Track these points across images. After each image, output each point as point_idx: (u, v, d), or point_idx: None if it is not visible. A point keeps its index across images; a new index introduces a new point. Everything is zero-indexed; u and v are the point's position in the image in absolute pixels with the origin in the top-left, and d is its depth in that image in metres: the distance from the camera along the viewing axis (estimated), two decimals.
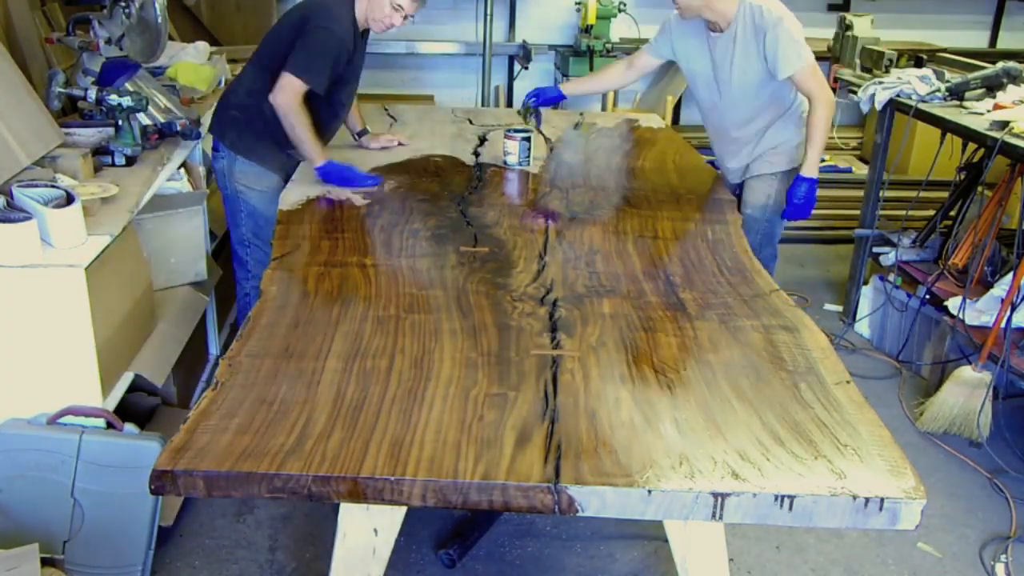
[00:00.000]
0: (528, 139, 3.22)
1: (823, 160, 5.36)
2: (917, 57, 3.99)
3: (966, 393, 3.10)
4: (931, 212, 3.94)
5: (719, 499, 1.45)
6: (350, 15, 2.90)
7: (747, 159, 3.13)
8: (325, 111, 3.00)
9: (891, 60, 3.79)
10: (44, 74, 2.90)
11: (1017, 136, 2.92)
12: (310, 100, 2.91)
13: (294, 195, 2.80)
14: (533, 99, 3.33)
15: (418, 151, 3.40)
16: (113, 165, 2.73)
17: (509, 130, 3.26)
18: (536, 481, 1.45)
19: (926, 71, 3.57)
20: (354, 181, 2.91)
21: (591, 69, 5.12)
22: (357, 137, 3.41)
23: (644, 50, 3.26)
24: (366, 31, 3.04)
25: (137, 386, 2.62)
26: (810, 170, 2.93)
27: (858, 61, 3.97)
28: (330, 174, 2.90)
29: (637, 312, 2.08)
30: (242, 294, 3.20)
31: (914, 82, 3.49)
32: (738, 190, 3.21)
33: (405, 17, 2.93)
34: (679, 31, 3.09)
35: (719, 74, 2.99)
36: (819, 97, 2.90)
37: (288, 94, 2.80)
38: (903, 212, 3.85)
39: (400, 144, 3.45)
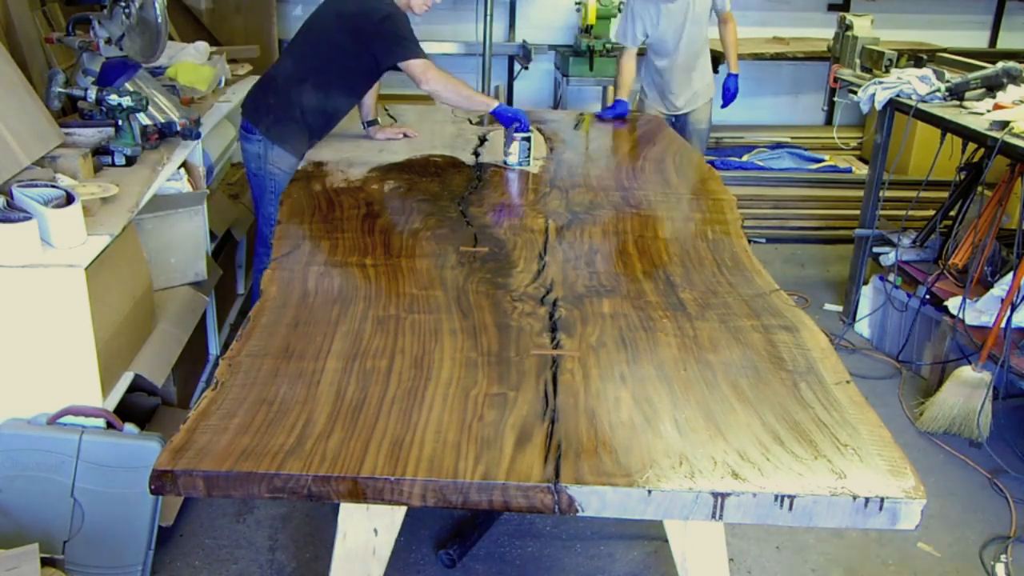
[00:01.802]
0: (528, 139, 3.22)
1: (823, 160, 5.40)
2: (917, 57, 3.99)
3: (966, 393, 3.10)
4: (931, 212, 3.95)
5: (719, 499, 1.45)
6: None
7: (691, 94, 4.26)
8: (346, 103, 3.25)
9: (891, 60, 3.78)
10: (44, 74, 2.90)
11: (1017, 136, 2.92)
12: (337, 91, 3.18)
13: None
14: (611, 115, 4.04)
15: (418, 151, 3.40)
16: (113, 165, 2.73)
17: (509, 130, 3.26)
18: (536, 481, 1.45)
19: (926, 71, 3.57)
20: (520, 115, 3.22)
21: (591, 69, 5.14)
22: (366, 125, 3.56)
23: (626, 47, 4.13)
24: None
25: (137, 386, 2.62)
26: (736, 68, 4.31)
27: (858, 61, 3.96)
28: (504, 112, 3.21)
29: (637, 312, 2.08)
30: (259, 266, 3.36)
31: (914, 82, 3.49)
32: (674, 119, 4.31)
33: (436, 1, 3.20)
34: (641, 10, 4.02)
35: (683, 27, 4.04)
36: (732, 15, 4.24)
37: (432, 74, 3.07)
38: (903, 212, 3.85)
39: (406, 136, 3.56)
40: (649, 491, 1.45)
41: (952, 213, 3.71)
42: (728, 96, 4.31)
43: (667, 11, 4.02)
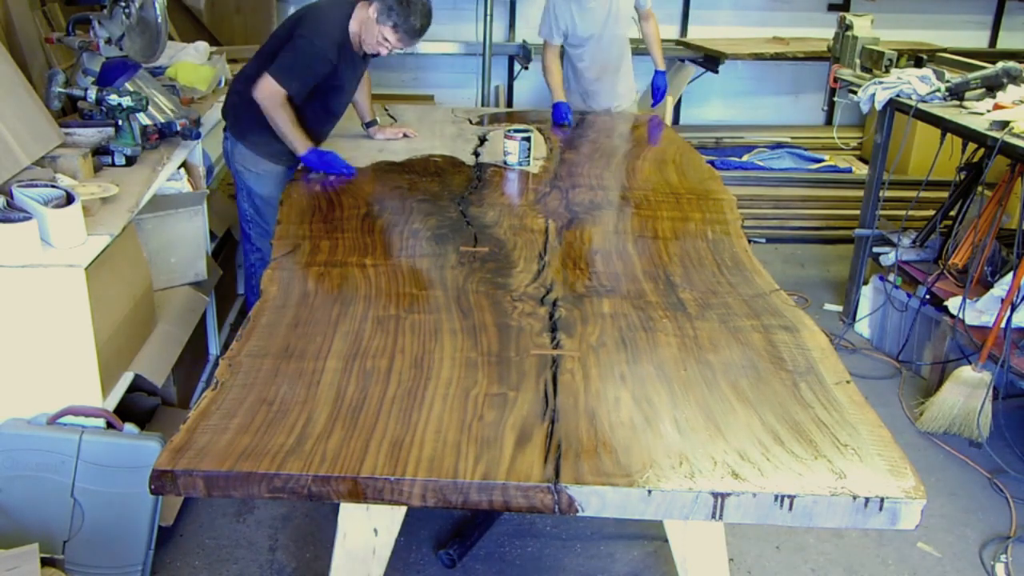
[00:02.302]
0: (528, 139, 3.22)
1: (823, 160, 5.40)
2: (917, 57, 3.99)
3: (966, 393, 3.10)
4: (931, 212, 3.95)
5: (719, 499, 1.45)
6: (341, 28, 2.98)
7: (613, 96, 4.19)
8: (319, 116, 3.15)
9: (891, 60, 3.78)
10: (44, 74, 2.90)
11: (1017, 136, 2.92)
12: (304, 105, 3.06)
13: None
14: (560, 121, 3.91)
15: (418, 151, 3.40)
16: (113, 165, 2.73)
17: (509, 130, 3.26)
18: (536, 481, 1.45)
19: (926, 71, 3.57)
20: (333, 166, 3.04)
21: None
22: (366, 127, 3.57)
23: (549, 44, 4.07)
24: None
25: (137, 386, 2.62)
26: (662, 65, 4.24)
27: (858, 61, 3.96)
28: (312, 161, 3.04)
29: (637, 312, 2.08)
30: (247, 264, 3.38)
31: (914, 82, 3.49)
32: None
33: (390, 51, 3.03)
34: (561, 8, 3.96)
35: (603, 26, 3.99)
36: (653, 13, 4.17)
37: (264, 92, 2.95)
38: (903, 212, 3.85)
39: (406, 136, 3.58)
40: (649, 491, 1.45)
41: (952, 213, 3.71)
42: (658, 95, 4.25)
43: (587, 10, 3.94)
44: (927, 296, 3.51)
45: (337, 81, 3.08)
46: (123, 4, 2.84)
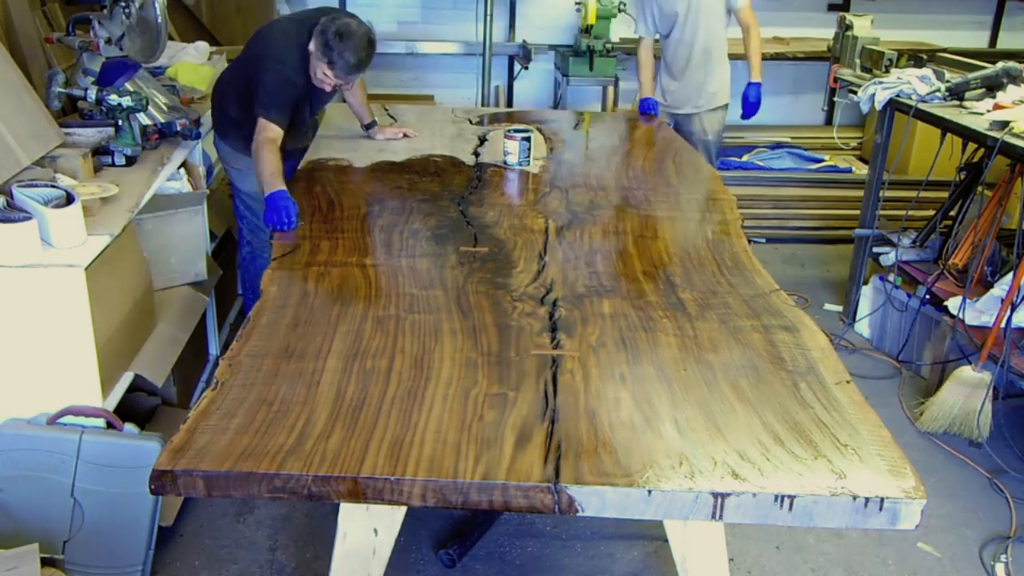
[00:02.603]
0: (528, 139, 3.22)
1: (823, 160, 5.40)
2: (917, 57, 3.99)
3: (966, 393, 3.10)
4: (931, 212, 3.95)
5: (719, 499, 1.45)
6: (300, 51, 2.93)
7: (693, 93, 4.07)
8: (294, 134, 3.13)
9: (891, 60, 3.78)
10: (44, 74, 2.90)
11: (1017, 136, 2.92)
12: (244, 112, 3.06)
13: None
14: (645, 111, 4.02)
15: (418, 151, 3.40)
16: (113, 165, 2.73)
17: (509, 130, 3.26)
18: (536, 481, 1.45)
19: (926, 71, 3.57)
20: (280, 219, 2.58)
21: (591, 69, 5.13)
22: (365, 129, 3.57)
23: (642, 37, 4.09)
24: None
25: (137, 386, 2.62)
26: (757, 76, 4.03)
27: (858, 61, 3.96)
28: (271, 204, 2.62)
29: (637, 312, 2.08)
30: (240, 258, 3.46)
31: (914, 82, 3.49)
32: (674, 122, 4.16)
33: (333, 86, 2.99)
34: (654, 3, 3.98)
35: (687, 14, 3.93)
36: (754, 24, 3.98)
37: (259, 135, 2.85)
38: (903, 212, 3.85)
39: (406, 136, 3.58)
40: (649, 491, 1.45)
41: (952, 213, 3.71)
42: (747, 106, 4.08)
43: (674, 3, 3.92)
44: (927, 296, 3.51)
45: (308, 103, 3.16)
46: (123, 4, 2.84)
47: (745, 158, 5.42)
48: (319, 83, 2.98)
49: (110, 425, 2.24)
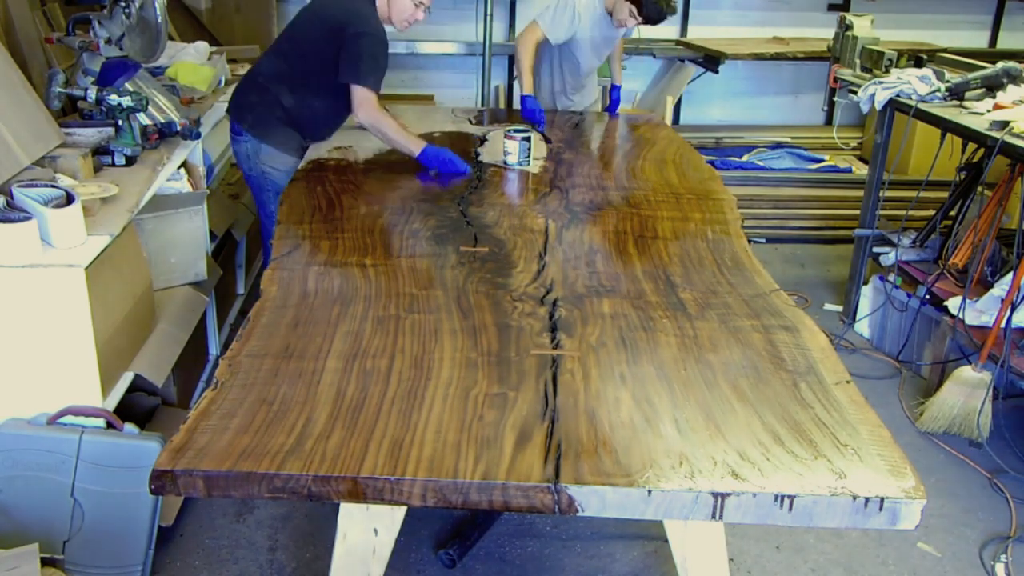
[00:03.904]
0: (528, 139, 3.22)
1: (823, 160, 5.40)
2: (917, 57, 3.99)
3: (966, 393, 3.10)
4: (931, 212, 3.95)
5: (719, 499, 1.44)
6: (375, 14, 3.08)
7: (582, 101, 4.27)
8: (337, 108, 3.21)
9: (891, 60, 3.78)
10: (44, 74, 2.90)
11: (1017, 136, 2.92)
12: (314, 94, 3.14)
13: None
14: (538, 119, 3.79)
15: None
16: (113, 165, 2.73)
17: (509, 130, 3.26)
18: (536, 481, 1.45)
19: (926, 71, 3.57)
20: (451, 165, 3.10)
21: None
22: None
23: (537, 29, 3.90)
24: None
25: (137, 386, 2.62)
26: (619, 80, 4.30)
27: (858, 61, 3.96)
28: (430, 158, 3.10)
29: (637, 312, 2.08)
30: (264, 263, 3.43)
31: (914, 82, 3.49)
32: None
33: (427, 9, 3.12)
34: (583, 22, 3.89)
35: (599, 56, 4.09)
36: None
37: (368, 107, 3.06)
38: (903, 212, 3.85)
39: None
40: (649, 491, 1.45)
41: (952, 213, 3.71)
42: (614, 106, 4.27)
43: (605, 38, 3.96)
44: (927, 296, 3.51)
45: None
46: (123, 4, 2.84)
47: (745, 158, 5.42)
48: (410, 19, 3.10)
49: (110, 425, 2.24)
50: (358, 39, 2.99)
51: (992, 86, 3.38)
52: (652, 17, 3.72)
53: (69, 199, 2.23)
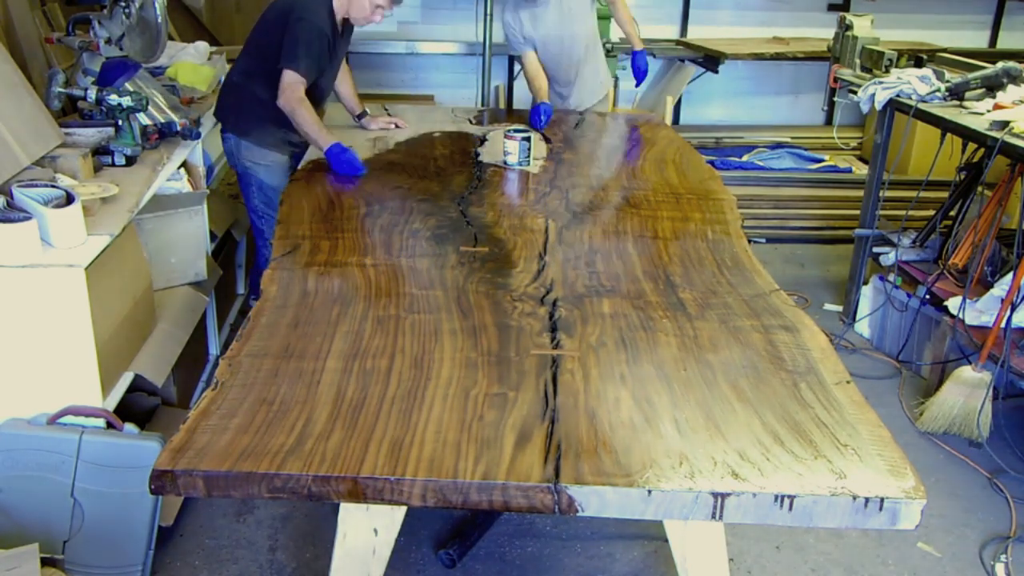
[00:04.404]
0: (528, 139, 3.22)
1: (823, 160, 5.40)
2: (917, 57, 3.99)
3: (966, 393, 3.10)
4: (931, 212, 3.95)
5: (719, 499, 1.45)
6: (327, 6, 3.09)
7: (582, 88, 4.08)
8: (313, 97, 3.20)
9: (891, 60, 3.78)
10: (44, 74, 2.90)
11: (1017, 136, 2.92)
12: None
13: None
14: (543, 121, 3.74)
15: (418, 151, 3.40)
16: (113, 165, 2.73)
17: (509, 130, 3.26)
18: (536, 481, 1.45)
19: (926, 71, 3.57)
20: (350, 166, 3.04)
21: None
22: (357, 119, 3.65)
23: (524, 52, 3.91)
24: (346, 23, 3.23)
25: (137, 386, 2.62)
26: (639, 44, 4.03)
27: (858, 61, 3.96)
28: (333, 158, 3.06)
29: (637, 312, 2.08)
30: (262, 260, 3.41)
31: (914, 82, 3.49)
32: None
33: (385, 13, 3.13)
34: (512, 21, 3.86)
35: (560, 26, 3.84)
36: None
37: (289, 92, 3.03)
38: (903, 212, 3.85)
39: (397, 127, 3.66)
40: (649, 491, 1.45)
41: (952, 213, 3.71)
42: (639, 74, 4.04)
43: (536, 14, 3.82)
44: (927, 296, 3.51)
45: (332, 61, 3.20)
46: (123, 4, 2.84)
47: (745, 158, 5.42)
48: (367, 19, 3.11)
49: (110, 425, 2.24)
50: (297, 23, 3.01)
51: (992, 86, 3.38)
52: None
53: (69, 199, 2.23)
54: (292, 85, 3.01)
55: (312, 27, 3.01)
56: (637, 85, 4.18)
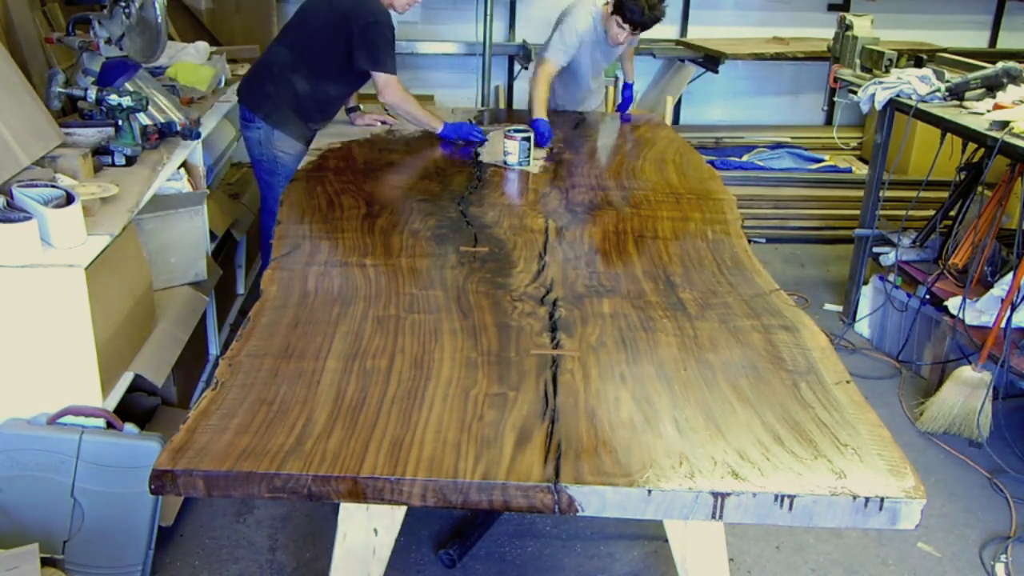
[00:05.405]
0: (528, 139, 3.22)
1: (823, 160, 5.40)
2: (917, 57, 3.99)
3: (966, 393, 3.10)
4: (931, 212, 3.95)
5: (719, 499, 1.45)
6: (378, 1, 3.26)
7: (592, 104, 4.32)
8: (349, 93, 3.47)
9: (891, 60, 3.78)
10: (44, 74, 2.90)
11: (1017, 136, 2.92)
12: (327, 81, 3.33)
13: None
14: (543, 140, 3.61)
15: (418, 151, 3.40)
16: (113, 165, 2.73)
17: (509, 130, 3.26)
18: (536, 481, 1.45)
19: (926, 71, 3.57)
20: (470, 134, 3.47)
21: None
22: (348, 112, 3.73)
23: (550, 63, 3.86)
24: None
25: (137, 386, 2.62)
26: (631, 79, 4.30)
27: (858, 61, 3.96)
28: (450, 133, 3.46)
29: (637, 312, 2.08)
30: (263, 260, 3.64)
31: (914, 82, 3.49)
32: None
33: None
34: (581, 41, 3.86)
35: (600, 70, 4.16)
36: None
37: (392, 90, 3.32)
38: (903, 212, 3.85)
39: (383, 124, 3.72)
40: (649, 491, 1.45)
41: (952, 213, 3.71)
42: (625, 104, 4.25)
43: (595, 45, 3.87)
44: (927, 296, 3.51)
45: None
46: (123, 4, 2.84)
47: (745, 158, 5.42)
48: (406, 6, 3.30)
49: (110, 425, 2.24)
50: (368, 28, 3.17)
51: (992, 86, 3.38)
52: (636, 21, 3.61)
53: (69, 199, 2.23)
54: (388, 82, 3.27)
55: (384, 27, 3.21)
56: (622, 113, 4.24)
